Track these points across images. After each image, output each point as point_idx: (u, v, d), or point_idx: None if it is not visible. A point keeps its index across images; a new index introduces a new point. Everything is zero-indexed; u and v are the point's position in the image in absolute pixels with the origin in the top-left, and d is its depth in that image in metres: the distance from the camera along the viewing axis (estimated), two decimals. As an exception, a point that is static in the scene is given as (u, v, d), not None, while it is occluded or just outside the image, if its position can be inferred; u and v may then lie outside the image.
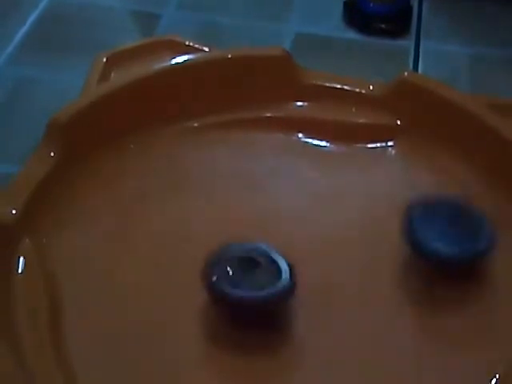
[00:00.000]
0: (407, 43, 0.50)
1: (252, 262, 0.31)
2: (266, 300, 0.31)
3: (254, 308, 0.31)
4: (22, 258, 0.32)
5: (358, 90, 0.41)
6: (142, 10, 0.51)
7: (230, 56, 0.40)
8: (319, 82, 0.41)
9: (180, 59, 0.40)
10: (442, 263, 0.33)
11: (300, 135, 0.40)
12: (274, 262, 0.31)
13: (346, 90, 0.41)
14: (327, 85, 0.41)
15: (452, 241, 0.32)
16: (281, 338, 0.31)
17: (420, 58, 0.49)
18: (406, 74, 0.40)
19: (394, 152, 0.40)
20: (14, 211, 0.33)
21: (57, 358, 0.29)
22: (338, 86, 0.41)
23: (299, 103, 0.41)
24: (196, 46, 0.41)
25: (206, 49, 0.41)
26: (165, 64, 0.40)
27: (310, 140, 0.40)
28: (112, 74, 0.40)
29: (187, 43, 0.41)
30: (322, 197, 0.37)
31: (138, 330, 0.31)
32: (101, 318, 0.31)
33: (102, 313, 0.32)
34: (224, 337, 0.31)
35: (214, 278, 0.31)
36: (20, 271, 0.32)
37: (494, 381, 0.30)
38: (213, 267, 0.31)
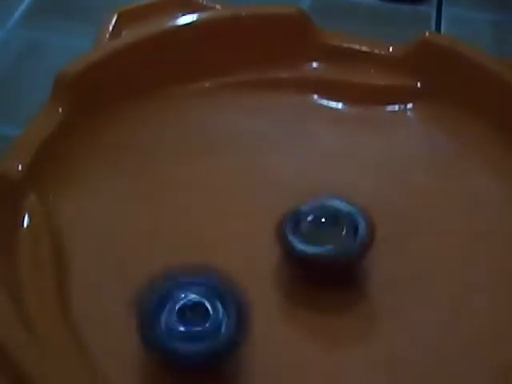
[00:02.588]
0: (429, 9, 0.48)
1: (328, 220, 0.30)
2: (341, 258, 0.29)
3: (329, 266, 0.30)
4: (27, 213, 0.31)
5: (376, 51, 0.39)
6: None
7: (243, 14, 0.39)
8: (336, 43, 0.40)
9: (192, 17, 0.39)
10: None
11: (315, 97, 0.39)
12: (351, 219, 0.30)
13: (364, 52, 0.40)
14: (345, 45, 0.40)
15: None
16: (357, 296, 0.30)
17: (442, 24, 0.47)
18: (427, 34, 0.39)
19: (412, 115, 0.39)
20: (20, 167, 0.32)
21: (60, 310, 0.28)
22: (356, 47, 0.40)
23: (315, 64, 0.40)
24: (208, 4, 0.40)
25: (219, 7, 0.40)
26: (176, 22, 0.39)
27: (325, 102, 0.39)
28: (123, 33, 0.39)
29: (199, 1, 0.40)
30: (337, 158, 0.36)
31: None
32: (108, 274, 0.30)
33: (108, 269, 0.31)
34: (299, 294, 0.30)
35: (290, 236, 0.30)
36: (25, 226, 0.31)
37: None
38: (288, 225, 0.30)
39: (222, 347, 0.26)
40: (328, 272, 0.30)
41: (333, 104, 0.39)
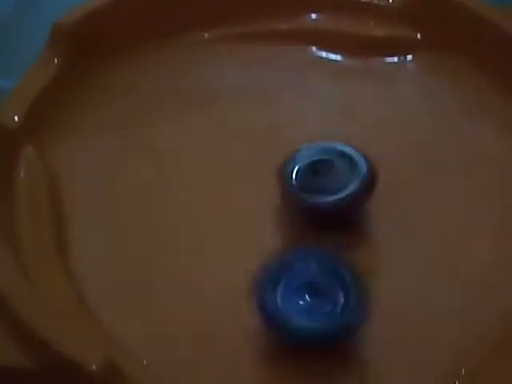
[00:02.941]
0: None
1: (328, 163, 0.30)
2: (342, 203, 0.29)
3: (331, 211, 0.30)
4: (24, 164, 0.31)
5: (376, 1, 0.39)
6: None
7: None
8: (335, -7, 0.39)
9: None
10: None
11: (314, 48, 0.39)
12: (352, 161, 0.30)
13: (364, 2, 0.39)
14: (343, -5, 0.39)
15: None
16: (358, 238, 0.30)
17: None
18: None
19: (412, 66, 0.38)
20: (16, 118, 0.32)
21: (58, 258, 0.29)
22: (355, -3, 0.39)
23: (314, 15, 0.39)
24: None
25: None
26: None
27: (324, 53, 0.38)
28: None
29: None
30: (336, 109, 0.36)
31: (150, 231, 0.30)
32: (105, 222, 0.31)
33: (112, 216, 0.31)
34: (300, 238, 0.30)
35: (290, 182, 0.30)
36: (22, 176, 0.31)
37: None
38: (287, 169, 0.30)
39: (339, 330, 0.26)
40: (329, 217, 0.30)
41: (332, 56, 0.38)
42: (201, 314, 0.28)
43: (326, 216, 0.30)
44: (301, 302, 0.27)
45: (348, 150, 0.30)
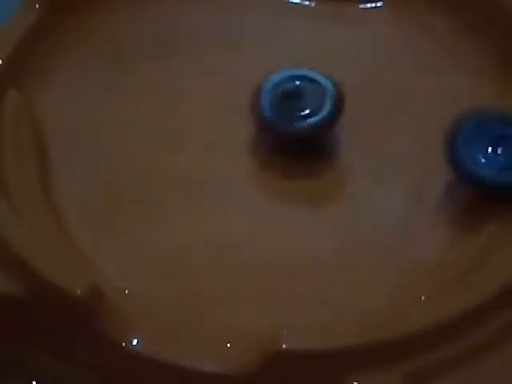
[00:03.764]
0: None
1: (297, 89, 0.32)
2: (313, 129, 0.32)
3: (302, 138, 0.32)
4: (9, 107, 0.33)
5: None
6: None
7: None
8: None
9: None
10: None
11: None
12: (319, 86, 0.32)
13: None
14: None
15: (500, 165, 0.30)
16: (328, 163, 0.33)
17: None
18: None
19: (384, 12, 0.40)
20: (-1, 61, 0.33)
21: (41, 188, 0.30)
22: None
23: (288, -38, 0.40)
24: None
25: None
26: None
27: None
28: None
29: None
30: (311, 53, 0.37)
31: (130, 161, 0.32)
32: (95, 161, 0.32)
33: (96, 156, 0.32)
34: (273, 163, 0.33)
35: (261, 110, 0.32)
36: (6, 120, 0.32)
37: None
38: (258, 99, 0.32)
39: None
40: (302, 142, 0.32)
41: (306, 2, 0.40)
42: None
43: (299, 141, 0.32)
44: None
45: (315, 75, 0.32)
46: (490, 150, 0.30)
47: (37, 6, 0.35)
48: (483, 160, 0.30)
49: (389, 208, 0.32)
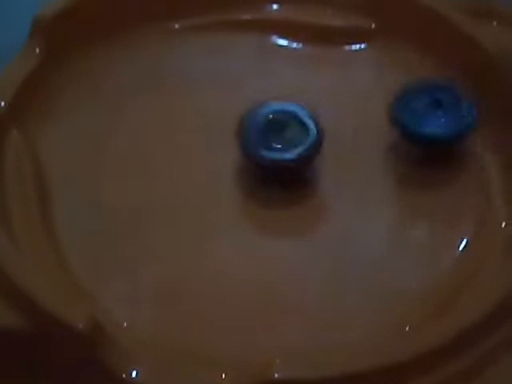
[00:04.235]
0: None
1: (281, 122, 0.35)
2: (297, 160, 0.34)
3: (286, 168, 0.34)
4: (11, 147, 0.34)
5: (332, -8, 0.42)
6: None
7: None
8: (295, -15, 0.42)
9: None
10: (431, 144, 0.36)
11: (276, 37, 0.42)
12: (302, 122, 0.34)
13: (322, -7, 0.42)
14: (303, -12, 0.42)
15: (439, 122, 0.35)
16: (309, 192, 0.35)
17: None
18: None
19: (367, 53, 0.42)
20: (2, 103, 0.35)
21: (42, 223, 0.32)
22: (314, -11, 0.42)
23: (275, 6, 0.42)
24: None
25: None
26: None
27: (285, 42, 0.42)
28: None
29: None
30: (295, 93, 0.38)
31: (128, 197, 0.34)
32: (94, 196, 0.34)
33: (94, 191, 0.34)
34: (257, 194, 0.35)
35: (246, 142, 0.34)
36: (9, 159, 0.34)
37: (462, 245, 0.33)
38: (245, 129, 0.34)
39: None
40: (285, 173, 0.35)
41: (292, 44, 0.41)
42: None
43: (278, 172, 0.35)
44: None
45: (299, 110, 0.35)
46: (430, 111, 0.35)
47: (37, 50, 0.37)
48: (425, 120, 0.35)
49: (370, 238, 0.34)
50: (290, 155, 0.34)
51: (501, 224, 0.33)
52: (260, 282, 0.32)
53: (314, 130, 0.34)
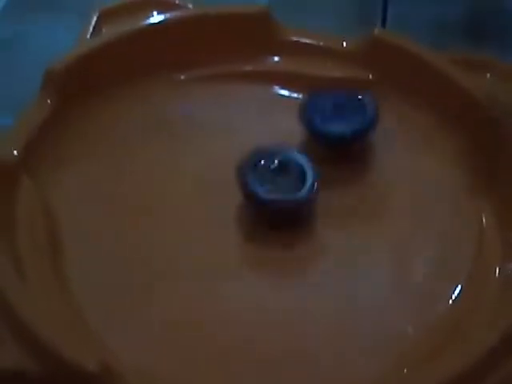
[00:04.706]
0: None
1: (281, 166, 0.37)
2: (298, 202, 0.36)
3: (286, 209, 0.36)
4: (23, 196, 0.36)
5: (332, 46, 0.44)
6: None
7: (211, 13, 0.44)
8: (296, 38, 0.44)
9: (166, 16, 0.43)
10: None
11: (277, 88, 0.43)
12: (301, 167, 0.37)
13: (322, 46, 0.44)
14: (304, 41, 0.44)
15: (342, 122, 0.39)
16: (305, 235, 0.37)
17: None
18: (376, 31, 0.44)
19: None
20: (15, 152, 0.36)
21: (54, 269, 0.33)
22: (315, 42, 0.44)
23: (277, 58, 0.44)
24: (181, 3, 0.45)
25: (190, 6, 0.44)
26: (152, 20, 0.43)
27: (287, 92, 0.43)
28: (103, 30, 0.43)
29: (174, 1, 0.44)
30: (296, 140, 0.40)
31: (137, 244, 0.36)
32: (105, 243, 0.35)
33: (105, 239, 0.36)
34: (257, 235, 0.36)
35: (248, 183, 0.36)
36: (21, 207, 0.35)
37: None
38: (246, 171, 0.36)
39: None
40: (287, 214, 0.36)
41: (294, 94, 0.43)
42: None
43: (275, 214, 0.36)
44: None
45: (299, 157, 0.37)
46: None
47: (49, 101, 0.39)
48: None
49: (369, 278, 0.35)
50: (288, 198, 0.36)
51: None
52: (263, 326, 0.33)
53: (312, 174, 0.36)
